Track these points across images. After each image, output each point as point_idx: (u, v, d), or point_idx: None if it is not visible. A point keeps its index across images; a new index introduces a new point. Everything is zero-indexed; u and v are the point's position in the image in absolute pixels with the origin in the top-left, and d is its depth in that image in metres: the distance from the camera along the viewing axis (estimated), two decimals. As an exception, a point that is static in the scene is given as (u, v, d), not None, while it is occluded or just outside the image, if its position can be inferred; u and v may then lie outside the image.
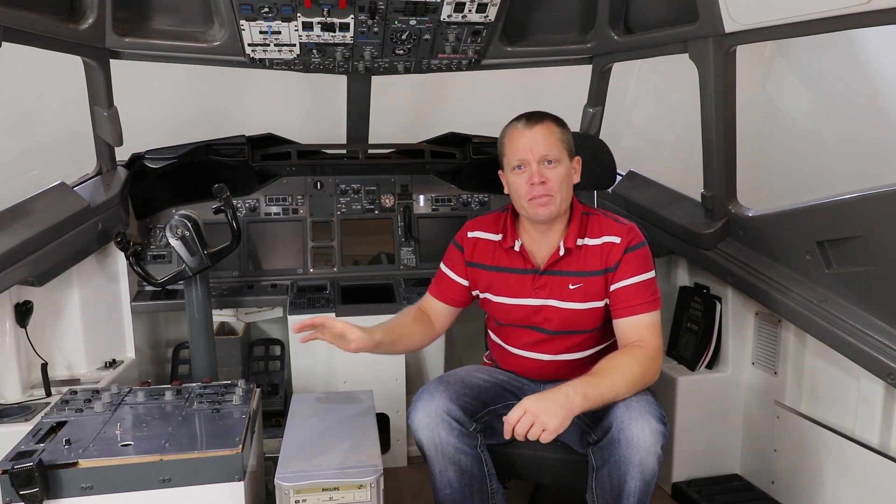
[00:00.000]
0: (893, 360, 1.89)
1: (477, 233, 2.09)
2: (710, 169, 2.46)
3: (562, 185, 1.91)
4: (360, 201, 3.25)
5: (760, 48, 3.85)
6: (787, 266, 2.27)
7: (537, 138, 1.90)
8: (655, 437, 1.71)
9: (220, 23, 2.58)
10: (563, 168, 1.92)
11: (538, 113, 1.96)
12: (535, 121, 1.93)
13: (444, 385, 1.92)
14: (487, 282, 2.06)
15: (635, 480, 1.71)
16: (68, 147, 3.23)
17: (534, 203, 1.90)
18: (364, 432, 1.77)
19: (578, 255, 1.96)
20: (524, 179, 1.90)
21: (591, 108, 3.10)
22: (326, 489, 1.55)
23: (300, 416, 1.90)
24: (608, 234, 1.95)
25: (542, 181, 1.88)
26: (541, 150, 1.89)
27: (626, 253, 1.92)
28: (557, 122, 1.96)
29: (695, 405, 2.57)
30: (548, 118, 1.95)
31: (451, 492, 1.86)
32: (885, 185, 1.87)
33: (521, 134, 1.92)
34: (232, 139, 2.99)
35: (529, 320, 2.02)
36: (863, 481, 2.06)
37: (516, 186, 1.94)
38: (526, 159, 1.90)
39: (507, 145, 1.96)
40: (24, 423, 2.07)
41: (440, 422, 1.84)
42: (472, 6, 2.51)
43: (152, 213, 3.06)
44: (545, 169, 1.89)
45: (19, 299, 2.34)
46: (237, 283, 3.06)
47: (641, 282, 1.91)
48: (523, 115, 1.96)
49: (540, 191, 1.88)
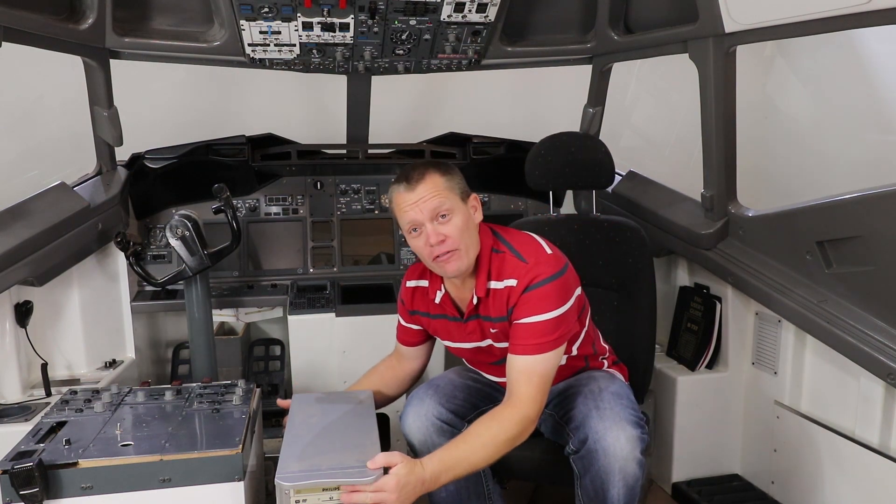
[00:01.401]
0: (893, 360, 1.89)
1: (412, 282, 2.06)
2: (710, 169, 2.46)
3: (462, 235, 1.78)
4: (360, 201, 3.25)
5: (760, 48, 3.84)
6: (787, 266, 2.27)
7: (423, 196, 1.77)
8: (633, 444, 1.70)
9: (220, 23, 2.58)
10: (459, 217, 1.79)
11: (418, 168, 1.81)
12: (416, 179, 1.79)
13: (434, 389, 1.93)
14: (431, 327, 2.06)
15: (618, 488, 1.71)
16: (68, 147, 3.23)
17: (439, 262, 1.80)
18: (364, 432, 1.77)
19: (492, 300, 1.86)
20: (422, 242, 1.79)
21: (591, 108, 3.10)
22: (327, 489, 1.54)
23: (300, 416, 1.90)
24: (508, 277, 1.82)
25: (440, 240, 1.77)
26: (429, 207, 1.77)
27: (523, 293, 1.78)
28: (441, 169, 1.83)
29: (695, 405, 2.57)
30: (429, 170, 1.81)
31: (446, 494, 1.87)
32: (884, 185, 1.87)
33: (404, 198, 1.79)
34: (232, 139, 2.99)
35: (482, 356, 2.01)
36: (863, 481, 2.06)
37: (418, 249, 1.83)
38: (417, 220, 1.78)
39: (395, 211, 1.84)
40: (24, 423, 2.07)
41: (430, 425, 1.85)
42: (472, 6, 2.51)
43: (152, 213, 3.06)
44: (440, 226, 1.77)
45: (19, 299, 2.34)
46: (237, 283, 3.06)
47: (533, 323, 1.76)
48: (403, 177, 1.82)
49: (441, 249, 1.77)
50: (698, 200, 2.57)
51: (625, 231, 2.39)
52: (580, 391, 1.84)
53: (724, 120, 2.36)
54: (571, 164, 2.49)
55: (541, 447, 1.98)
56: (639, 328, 2.34)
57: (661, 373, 2.64)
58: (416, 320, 2.08)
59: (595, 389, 1.82)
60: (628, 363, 2.18)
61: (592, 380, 1.88)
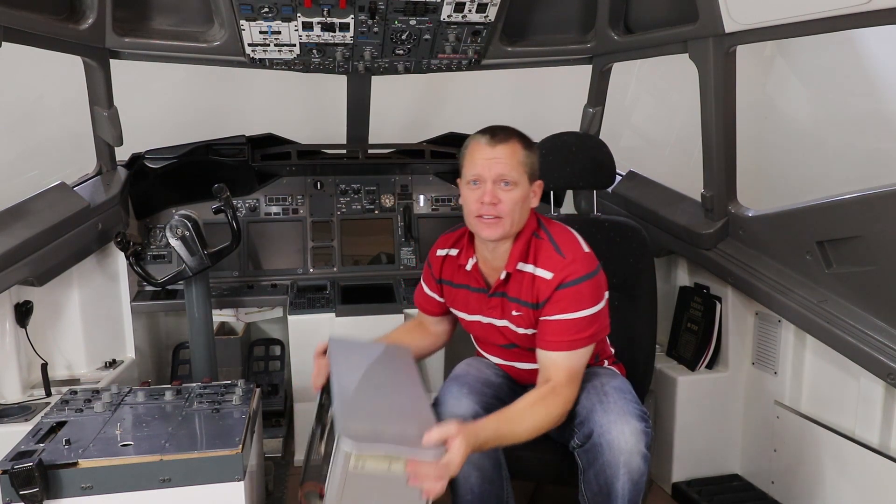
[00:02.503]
0: (893, 360, 1.89)
1: (443, 250, 2.06)
2: (710, 169, 2.46)
3: (514, 209, 1.80)
4: (360, 201, 3.25)
5: (760, 48, 3.84)
6: (787, 266, 2.27)
7: (498, 157, 1.78)
8: (637, 437, 1.70)
9: (220, 23, 2.58)
10: (519, 192, 1.80)
11: (506, 129, 1.83)
12: (501, 139, 1.80)
13: (468, 388, 1.89)
14: (453, 297, 2.06)
15: (622, 482, 1.71)
16: (68, 147, 3.23)
17: (481, 222, 1.81)
18: (416, 399, 1.70)
19: (520, 281, 1.87)
20: (476, 196, 1.80)
21: (591, 108, 3.10)
22: (391, 458, 1.45)
23: (344, 366, 1.79)
24: (542, 266, 1.83)
25: (493, 202, 1.78)
26: (499, 170, 1.78)
27: (556, 290, 1.79)
28: (524, 142, 1.84)
29: (695, 405, 2.57)
30: (515, 137, 1.82)
31: (472, 497, 1.84)
32: (884, 185, 1.87)
33: (482, 149, 1.80)
34: (232, 139, 2.99)
35: (493, 336, 2.00)
36: (863, 481, 2.06)
37: (468, 201, 1.84)
38: (482, 176, 1.79)
39: (466, 157, 1.85)
40: (24, 423, 2.07)
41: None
42: (472, 6, 2.51)
43: (152, 213, 3.06)
44: (500, 190, 1.79)
45: (19, 299, 2.34)
46: (237, 283, 3.06)
47: (569, 320, 1.78)
48: (489, 130, 1.83)
49: (489, 210, 1.79)
50: (698, 200, 2.57)
51: (625, 231, 2.39)
52: (584, 387, 1.84)
53: (724, 120, 2.36)
54: (572, 164, 2.49)
55: (543, 446, 1.97)
56: (639, 328, 2.34)
57: (661, 373, 2.64)
58: (439, 289, 2.09)
59: (598, 385, 1.83)
60: (628, 363, 2.18)
61: (595, 375, 1.88)
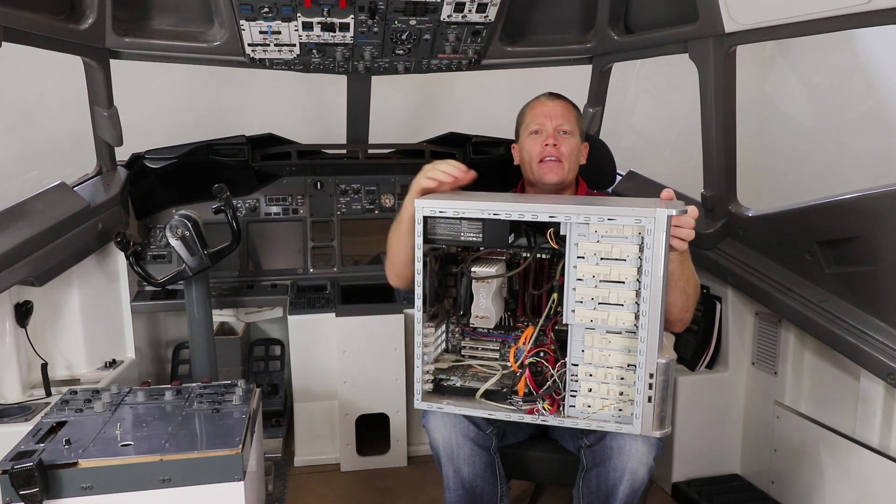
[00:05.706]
0: (893, 360, 1.89)
1: None
2: (710, 169, 2.46)
3: (571, 155, 2.04)
4: (360, 201, 3.26)
5: (760, 48, 3.84)
6: (787, 266, 2.27)
7: (557, 110, 2.07)
8: (649, 448, 1.69)
9: (220, 23, 2.58)
10: (574, 141, 2.06)
11: (560, 95, 2.13)
12: (557, 97, 2.12)
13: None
14: None
15: (624, 487, 1.71)
16: (68, 147, 3.24)
17: (543, 166, 2.02)
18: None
19: None
20: (539, 141, 2.04)
21: (591, 108, 3.10)
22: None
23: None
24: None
25: (555, 143, 2.02)
26: (558, 120, 2.05)
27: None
28: (575, 109, 2.14)
29: (695, 405, 2.57)
30: (568, 102, 2.13)
31: (462, 493, 1.85)
32: (884, 185, 1.87)
33: (542, 103, 2.10)
34: (232, 139, 2.99)
35: None
36: (863, 481, 2.06)
37: (530, 149, 2.06)
38: (544, 125, 2.05)
39: (527, 113, 2.11)
40: (24, 423, 2.07)
41: (456, 425, 1.83)
42: (472, 6, 2.51)
43: (152, 213, 3.06)
44: (560, 137, 2.04)
45: (19, 299, 2.34)
46: (237, 283, 3.06)
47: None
48: (545, 93, 2.14)
49: (552, 151, 2.02)
50: (698, 200, 2.56)
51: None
52: None
53: (724, 120, 2.36)
54: (572, 163, 2.49)
55: (544, 447, 1.98)
56: (639, 328, 2.34)
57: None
58: None
59: None
60: (628, 363, 2.18)
61: None
